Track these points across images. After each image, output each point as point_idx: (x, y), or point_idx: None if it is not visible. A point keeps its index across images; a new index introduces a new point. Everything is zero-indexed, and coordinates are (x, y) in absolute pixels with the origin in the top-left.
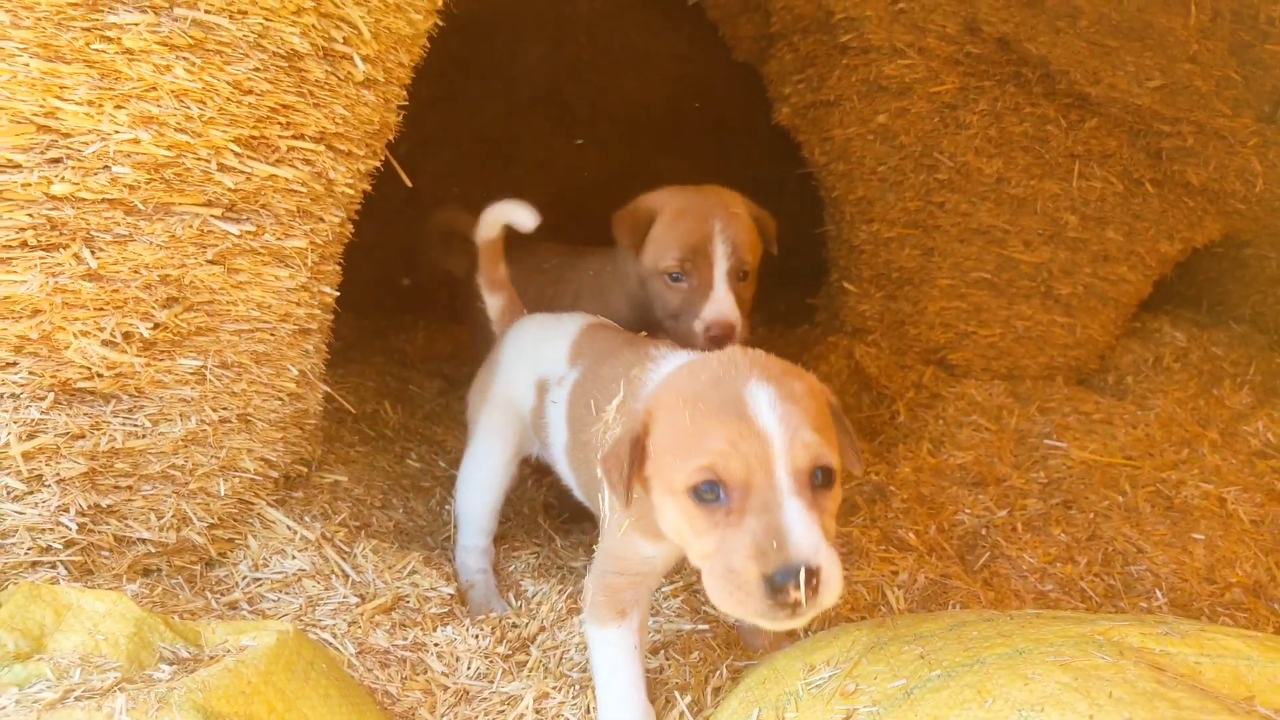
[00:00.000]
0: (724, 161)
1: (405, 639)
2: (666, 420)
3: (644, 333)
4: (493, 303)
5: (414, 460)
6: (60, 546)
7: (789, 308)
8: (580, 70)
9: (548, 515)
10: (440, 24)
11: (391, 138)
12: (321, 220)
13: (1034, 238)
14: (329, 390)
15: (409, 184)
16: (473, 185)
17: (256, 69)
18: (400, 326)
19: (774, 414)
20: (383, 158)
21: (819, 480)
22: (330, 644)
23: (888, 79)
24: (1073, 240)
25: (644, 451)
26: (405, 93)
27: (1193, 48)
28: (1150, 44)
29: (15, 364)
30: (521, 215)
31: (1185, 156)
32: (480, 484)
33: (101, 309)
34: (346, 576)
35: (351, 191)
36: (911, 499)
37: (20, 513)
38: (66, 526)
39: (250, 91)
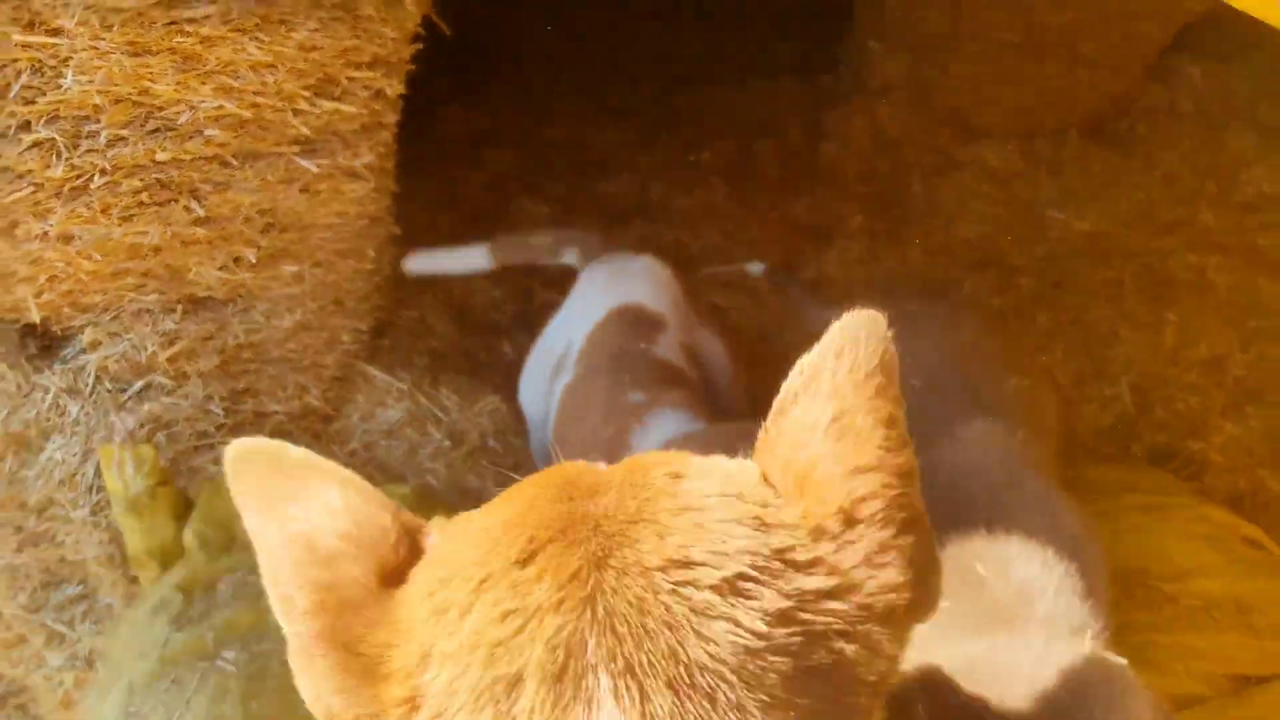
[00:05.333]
0: None
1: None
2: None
3: None
4: None
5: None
6: (213, 430)
7: (811, 47)
8: None
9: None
10: None
11: None
12: (382, 126)
13: None
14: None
15: None
16: None
17: (316, 28)
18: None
19: None
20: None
21: None
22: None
23: None
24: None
25: None
26: None
27: None
28: None
29: (144, 285)
30: None
31: None
32: None
33: (212, 243)
34: (439, 420)
35: (401, 88)
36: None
37: (176, 404)
38: (215, 412)
39: (314, 48)
